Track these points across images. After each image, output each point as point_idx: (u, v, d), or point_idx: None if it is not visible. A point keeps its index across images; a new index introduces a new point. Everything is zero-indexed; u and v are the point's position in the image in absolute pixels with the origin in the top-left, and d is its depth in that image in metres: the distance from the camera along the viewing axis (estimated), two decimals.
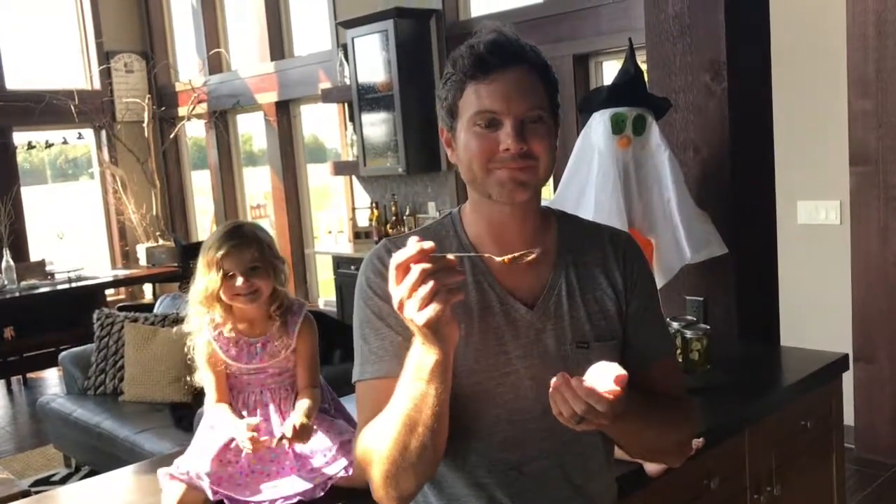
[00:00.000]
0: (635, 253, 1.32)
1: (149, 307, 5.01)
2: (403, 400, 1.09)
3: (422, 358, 1.05)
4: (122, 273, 6.95)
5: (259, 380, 1.79)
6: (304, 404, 1.74)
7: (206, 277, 1.74)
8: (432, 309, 0.98)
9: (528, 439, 1.21)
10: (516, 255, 1.09)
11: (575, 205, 2.32)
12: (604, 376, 1.04)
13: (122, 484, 1.93)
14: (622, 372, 1.04)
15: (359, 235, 6.15)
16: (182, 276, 6.78)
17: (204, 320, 1.77)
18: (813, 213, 3.83)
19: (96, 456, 3.87)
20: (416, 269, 0.98)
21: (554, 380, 1.06)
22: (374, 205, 6.09)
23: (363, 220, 6.22)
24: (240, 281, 1.73)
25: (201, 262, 1.76)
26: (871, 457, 3.69)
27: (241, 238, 1.76)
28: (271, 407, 1.78)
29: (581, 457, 1.26)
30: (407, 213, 5.85)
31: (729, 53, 2.43)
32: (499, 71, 1.15)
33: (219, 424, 1.74)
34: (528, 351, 1.21)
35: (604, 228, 1.35)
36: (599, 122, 2.30)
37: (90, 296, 6.22)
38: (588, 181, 2.32)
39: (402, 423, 1.09)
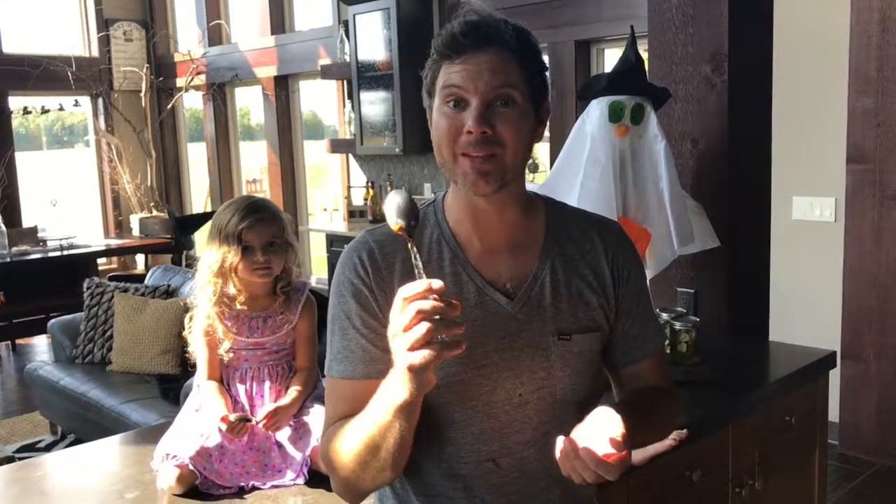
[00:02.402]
0: (625, 244, 1.29)
1: (140, 278, 5.00)
2: (369, 423, 1.07)
3: (394, 392, 1.02)
4: (114, 243, 6.92)
5: (257, 356, 1.79)
6: (285, 399, 1.75)
7: (221, 250, 1.73)
8: (420, 356, 0.95)
9: (505, 431, 1.19)
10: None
11: (566, 191, 2.31)
12: (601, 435, 1.02)
13: (106, 453, 1.93)
14: (618, 431, 1.02)
15: (353, 214, 6.13)
16: (175, 247, 6.77)
17: (209, 292, 1.76)
18: (808, 210, 3.83)
19: (82, 424, 3.87)
20: (414, 308, 0.94)
21: (559, 445, 1.03)
22: (369, 184, 6.07)
23: (358, 199, 6.20)
24: (258, 255, 1.72)
25: (216, 235, 1.75)
26: (853, 454, 3.72)
27: (264, 212, 1.77)
28: (267, 384, 1.78)
29: (555, 450, 1.23)
30: None
31: (731, 46, 2.42)
32: (471, 51, 1.12)
33: (204, 407, 1.74)
34: (507, 343, 1.18)
35: (593, 218, 1.32)
36: (596, 109, 2.29)
37: (82, 264, 6.21)
38: (578, 167, 2.31)
39: (365, 443, 1.08)
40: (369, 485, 1.15)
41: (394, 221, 1.04)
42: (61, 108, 7.53)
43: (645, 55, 2.44)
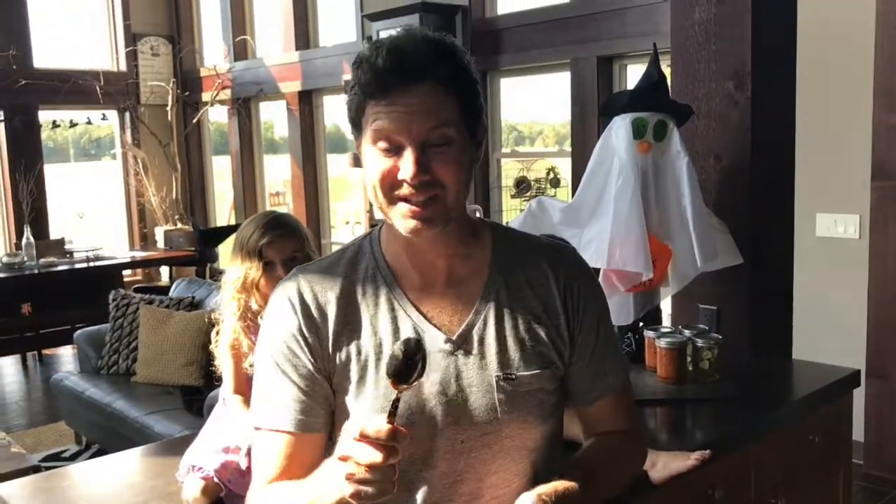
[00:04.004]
0: (580, 272, 1.19)
1: (164, 290, 5.05)
2: (301, 501, 1.02)
3: (325, 492, 0.98)
4: (139, 255, 7.00)
5: None
6: None
7: (243, 266, 1.76)
8: (351, 489, 0.92)
9: (447, 482, 1.10)
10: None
11: (592, 208, 2.32)
12: None
13: (131, 465, 1.95)
14: None
15: (375, 227, 6.15)
16: (199, 260, 6.83)
17: (233, 308, 1.78)
18: (832, 227, 3.81)
19: (106, 435, 3.92)
20: (369, 454, 0.90)
21: None
22: None
23: (380, 213, 6.21)
24: (279, 270, 1.74)
25: (238, 251, 1.78)
26: (879, 473, 3.67)
27: (283, 228, 1.78)
28: None
29: (502, 501, 1.12)
30: None
31: (754, 63, 2.42)
32: (399, 91, 1.01)
33: (230, 421, 1.76)
34: (445, 387, 1.09)
35: (544, 244, 1.22)
36: (620, 126, 2.30)
37: (107, 276, 6.28)
38: (607, 185, 2.32)
39: None
40: None
41: (389, 373, 0.96)
42: (89, 122, 7.65)
43: (667, 71, 2.45)
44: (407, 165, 1.02)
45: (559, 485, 1.06)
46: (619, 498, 1.33)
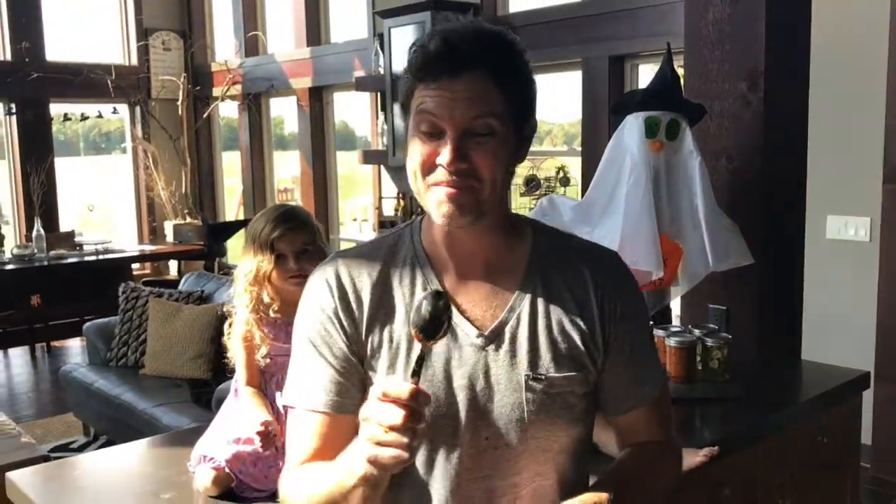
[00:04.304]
0: (620, 277, 1.18)
1: (173, 283, 5.07)
2: (333, 480, 1.01)
3: (352, 469, 0.97)
4: (148, 248, 7.03)
5: None
6: None
7: (255, 259, 1.76)
8: (395, 456, 0.89)
9: (470, 478, 1.09)
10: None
11: (604, 206, 2.32)
12: None
13: (141, 455, 1.97)
14: None
15: (384, 224, 6.17)
16: (208, 254, 6.85)
17: (245, 300, 1.79)
18: (842, 229, 3.80)
19: (115, 426, 3.93)
20: (395, 414, 0.89)
21: None
22: (400, 195, 6.11)
23: (389, 210, 6.24)
24: (291, 262, 1.75)
25: (250, 244, 1.79)
26: (887, 477, 3.66)
27: (295, 221, 1.79)
28: None
29: (524, 502, 1.12)
30: None
31: (767, 63, 2.42)
32: (447, 77, 1.02)
33: (242, 412, 1.77)
34: (473, 381, 1.08)
35: (586, 247, 1.20)
36: (633, 125, 2.30)
37: (116, 268, 6.31)
38: (619, 183, 2.32)
39: (327, 498, 1.02)
40: None
41: (415, 323, 0.95)
42: (100, 116, 7.68)
43: (680, 71, 2.45)
44: (445, 150, 1.02)
45: (588, 497, 1.06)
46: None
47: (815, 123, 2.77)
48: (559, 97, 5.68)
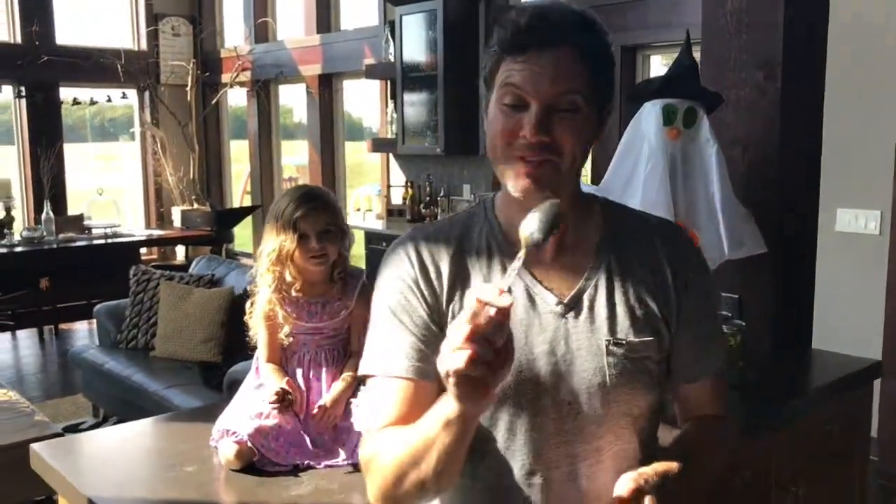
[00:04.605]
0: (689, 249, 1.22)
1: (180, 268, 5.09)
2: (416, 433, 1.02)
3: (444, 403, 0.97)
4: (156, 233, 7.05)
5: (314, 341, 1.85)
6: (338, 386, 1.80)
7: (278, 238, 1.79)
8: (462, 359, 0.87)
9: (552, 443, 1.11)
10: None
11: (620, 193, 2.33)
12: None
13: (161, 430, 1.99)
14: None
15: (392, 213, 6.19)
16: (215, 240, 6.87)
17: (268, 279, 1.81)
18: (852, 222, 3.81)
19: (125, 407, 3.96)
20: (485, 314, 0.87)
21: None
22: (408, 184, 6.12)
23: (397, 198, 6.25)
24: (313, 242, 1.77)
25: (273, 223, 1.81)
26: (893, 471, 3.68)
27: (317, 201, 1.82)
28: (324, 368, 1.84)
29: (607, 466, 1.13)
30: (441, 194, 5.87)
31: (785, 53, 2.42)
32: (535, 50, 1.04)
33: (264, 388, 1.80)
34: (554, 347, 1.10)
35: (653, 220, 1.25)
36: (651, 113, 2.31)
37: (125, 252, 6.32)
38: (636, 170, 2.33)
39: (409, 453, 1.03)
40: (408, 499, 1.08)
41: (532, 231, 0.96)
42: (109, 100, 7.69)
43: (697, 59, 2.45)
44: (529, 123, 1.04)
45: (659, 466, 1.08)
46: None
47: (827, 115, 2.77)
48: None
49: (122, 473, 1.73)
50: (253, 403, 1.77)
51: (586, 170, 4.97)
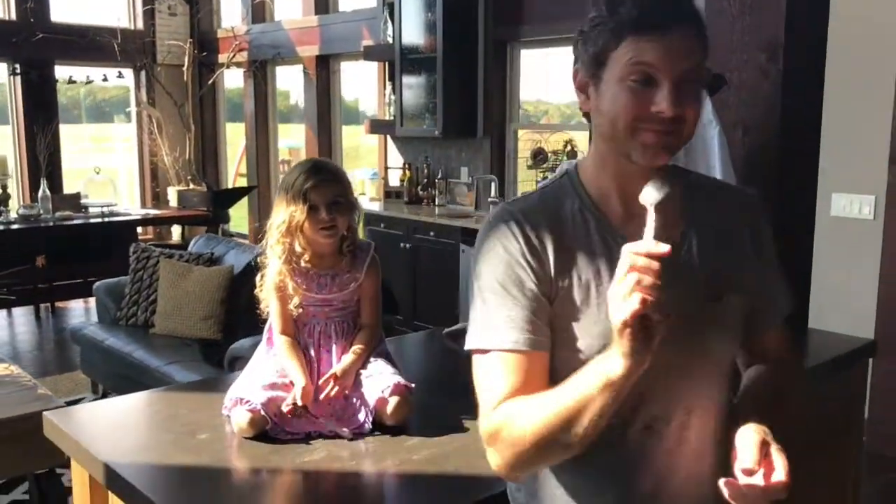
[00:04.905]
0: (759, 207, 1.30)
1: (179, 247, 5.11)
2: (568, 396, 1.05)
3: (603, 364, 1.01)
4: (153, 212, 7.05)
5: (324, 313, 1.87)
6: (348, 357, 1.83)
7: (288, 210, 1.81)
8: (637, 300, 0.94)
9: (660, 397, 1.16)
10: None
11: None
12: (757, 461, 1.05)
13: (171, 400, 2.02)
14: (781, 468, 1.04)
15: (389, 195, 6.21)
16: (212, 220, 6.88)
17: (278, 251, 1.84)
18: (847, 206, 3.85)
19: (125, 384, 3.97)
20: (641, 262, 0.95)
21: (723, 489, 1.04)
22: (406, 166, 6.14)
23: (394, 181, 6.28)
24: (323, 213, 1.80)
25: (283, 196, 1.83)
26: (883, 452, 3.74)
27: (328, 173, 1.84)
28: (333, 341, 1.87)
29: (713, 415, 1.20)
30: (439, 176, 5.89)
31: (787, 36, 2.45)
32: (664, 27, 1.07)
33: (278, 360, 1.83)
34: None
35: (727, 184, 1.33)
36: None
37: (121, 231, 6.33)
38: None
39: (560, 416, 1.05)
40: (544, 462, 1.14)
41: (657, 194, 1.02)
42: (105, 79, 7.66)
43: None
44: (663, 99, 1.07)
45: (759, 429, 1.11)
46: None
47: (825, 100, 2.81)
48: (557, 77, 5.72)
49: (135, 440, 1.76)
50: (265, 373, 1.80)
51: (584, 155, 5.00)
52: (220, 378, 2.09)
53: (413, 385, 1.80)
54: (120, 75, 7.71)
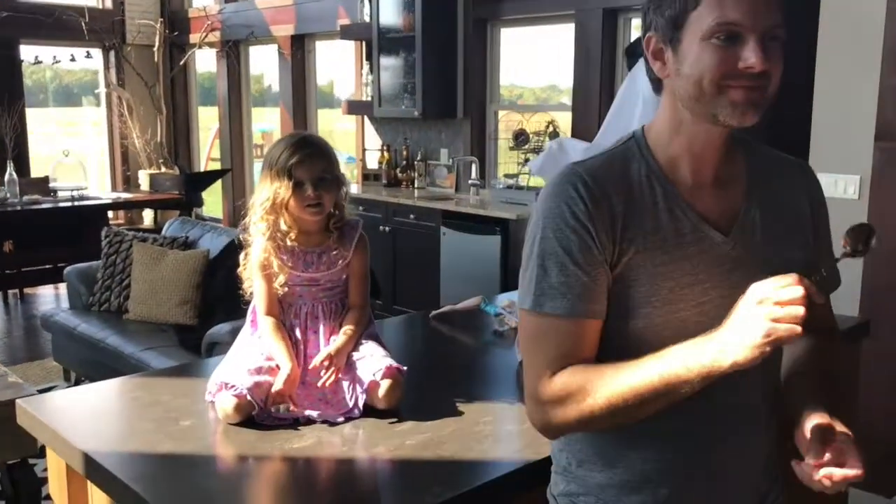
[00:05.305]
0: (819, 184, 1.30)
1: (152, 231, 4.99)
2: (655, 373, 1.05)
3: (719, 353, 1.01)
4: (124, 195, 6.89)
5: (311, 293, 1.80)
6: (340, 339, 1.76)
7: (273, 186, 1.73)
8: (785, 329, 0.96)
9: (727, 380, 1.12)
10: None
11: None
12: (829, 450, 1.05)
13: (152, 386, 1.93)
14: (856, 465, 1.04)
15: (367, 178, 6.12)
16: (185, 203, 6.75)
17: (262, 227, 1.76)
18: (832, 186, 3.83)
19: (99, 370, 3.87)
20: (799, 290, 0.97)
21: (797, 470, 1.05)
22: (384, 148, 6.05)
23: (372, 163, 6.18)
24: (309, 190, 1.72)
25: (267, 172, 1.76)
26: (864, 431, 3.75)
27: (313, 147, 1.76)
28: (321, 322, 1.79)
29: (764, 390, 1.21)
30: (418, 158, 5.81)
31: (782, 10, 2.41)
32: None
33: (263, 343, 1.75)
34: (724, 280, 1.15)
35: (785, 157, 1.30)
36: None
37: (92, 216, 6.17)
38: (630, 126, 2.30)
39: (639, 392, 1.06)
40: (601, 428, 1.15)
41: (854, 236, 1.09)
42: (73, 59, 7.46)
43: None
44: (752, 54, 1.07)
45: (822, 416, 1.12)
46: None
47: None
48: (534, 60, 5.67)
49: (115, 428, 1.68)
50: (251, 357, 1.73)
51: (565, 136, 4.95)
52: (200, 363, 2.00)
53: (405, 368, 1.73)
54: (88, 55, 7.51)
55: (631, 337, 1.11)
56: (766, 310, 0.97)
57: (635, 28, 4.77)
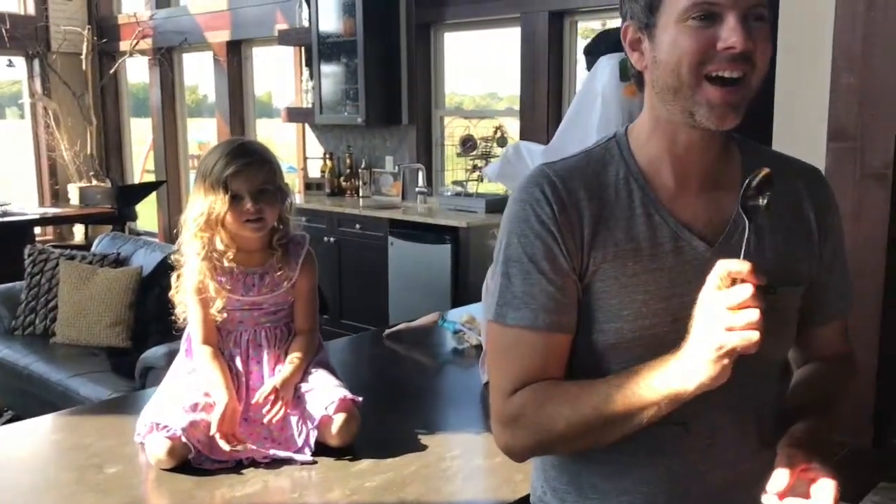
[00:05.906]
0: (828, 192, 1.18)
1: (82, 248, 4.71)
2: (619, 397, 0.96)
3: (683, 376, 0.92)
4: (52, 211, 6.55)
5: (253, 318, 1.62)
6: (287, 368, 1.58)
7: (207, 200, 1.55)
8: (747, 338, 0.86)
9: (698, 397, 1.04)
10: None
11: (575, 151, 2.19)
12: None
13: (74, 426, 1.73)
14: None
15: (310, 186, 5.92)
16: (117, 218, 6.45)
17: (196, 247, 1.57)
18: None
19: (22, 400, 3.62)
20: (747, 291, 0.86)
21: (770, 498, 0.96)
22: (327, 155, 5.86)
23: (314, 172, 5.99)
24: (248, 203, 1.54)
25: (200, 184, 1.57)
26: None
27: (252, 156, 1.58)
28: (265, 350, 1.61)
29: (757, 416, 1.11)
30: (362, 166, 5.64)
31: None
32: None
33: (199, 376, 1.56)
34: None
35: (793, 161, 1.19)
36: (606, 67, 2.18)
37: (16, 233, 5.81)
38: (588, 127, 2.20)
39: (604, 415, 0.98)
40: (565, 451, 1.09)
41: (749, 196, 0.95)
42: None
43: None
44: (732, 33, 0.96)
45: (801, 428, 1.05)
46: None
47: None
48: (473, 67, 5.59)
49: (29, 477, 1.48)
50: (185, 392, 1.54)
51: (514, 142, 4.83)
52: (129, 397, 1.80)
53: (360, 399, 1.57)
54: (10, 64, 7.14)
55: (601, 353, 1.04)
56: (716, 318, 0.88)
57: (581, 32, 4.69)
